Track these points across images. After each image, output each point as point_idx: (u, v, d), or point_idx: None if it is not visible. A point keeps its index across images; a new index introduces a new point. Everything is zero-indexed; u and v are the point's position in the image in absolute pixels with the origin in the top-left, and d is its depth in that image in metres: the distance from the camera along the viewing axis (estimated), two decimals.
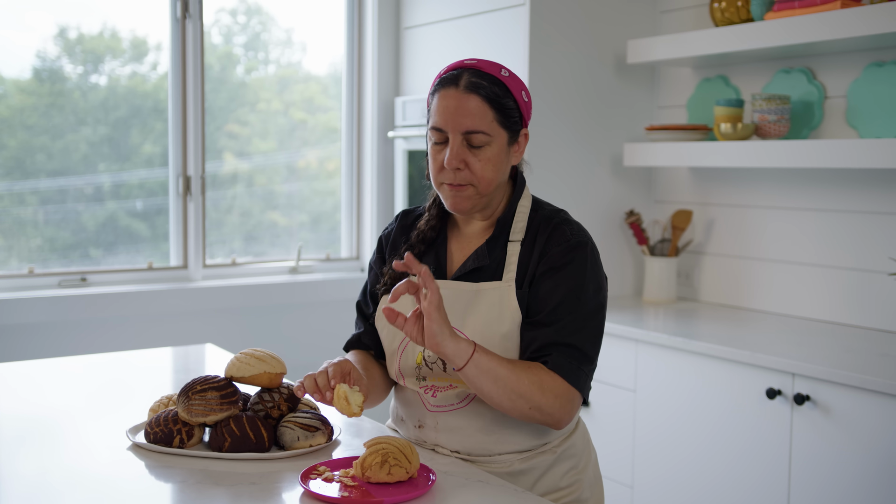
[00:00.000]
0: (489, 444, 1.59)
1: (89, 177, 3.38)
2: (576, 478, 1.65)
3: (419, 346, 1.54)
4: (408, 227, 1.72)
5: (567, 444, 1.64)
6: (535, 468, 1.60)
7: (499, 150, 1.55)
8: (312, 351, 3.67)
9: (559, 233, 1.57)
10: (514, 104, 1.56)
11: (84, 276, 3.30)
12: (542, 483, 1.61)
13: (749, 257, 3.17)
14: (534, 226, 1.60)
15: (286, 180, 3.84)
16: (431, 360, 1.59)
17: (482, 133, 1.52)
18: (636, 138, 3.41)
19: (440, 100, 1.55)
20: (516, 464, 1.60)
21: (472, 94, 1.52)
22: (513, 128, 1.57)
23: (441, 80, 1.56)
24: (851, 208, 2.86)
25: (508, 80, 1.56)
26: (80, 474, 1.50)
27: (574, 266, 1.55)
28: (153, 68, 3.50)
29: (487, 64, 1.56)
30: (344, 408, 1.48)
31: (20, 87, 3.28)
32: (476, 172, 1.54)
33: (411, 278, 1.54)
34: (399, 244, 1.71)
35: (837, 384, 2.29)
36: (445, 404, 1.60)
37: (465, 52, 3.43)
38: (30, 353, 3.04)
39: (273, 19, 3.80)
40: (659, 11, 3.42)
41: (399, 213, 1.77)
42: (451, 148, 1.53)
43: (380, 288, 1.68)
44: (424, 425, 1.63)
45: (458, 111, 1.52)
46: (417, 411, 1.64)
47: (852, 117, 2.80)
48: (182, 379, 2.14)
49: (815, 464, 2.35)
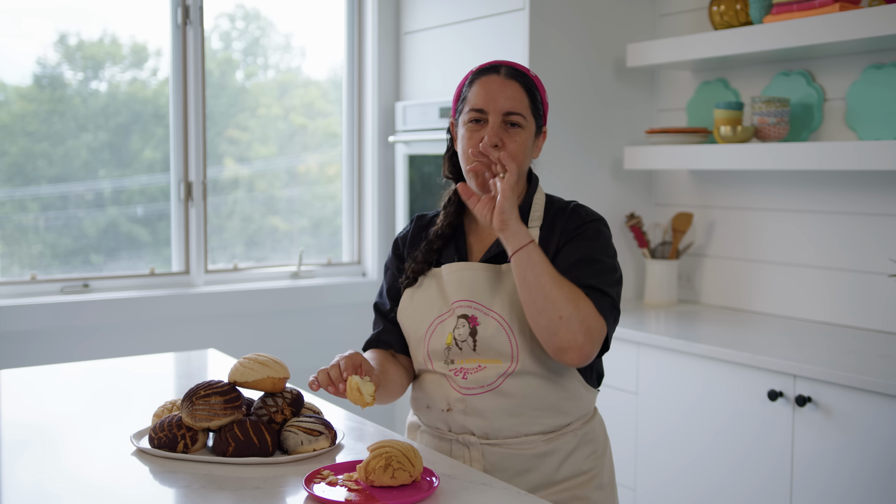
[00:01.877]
0: (516, 425, 1.65)
1: (90, 183, 3.39)
2: (596, 462, 1.72)
3: (448, 327, 1.65)
4: (424, 228, 1.82)
5: (587, 428, 1.72)
6: (559, 450, 1.67)
7: (529, 136, 1.68)
8: (315, 355, 3.67)
9: (576, 213, 1.70)
10: (541, 100, 1.71)
11: (86, 283, 3.31)
12: (568, 465, 1.68)
13: (750, 259, 3.17)
14: (550, 214, 1.72)
15: (287, 185, 3.84)
16: (461, 339, 1.65)
17: (520, 115, 1.65)
18: (636, 141, 3.42)
19: (481, 85, 1.67)
20: (541, 445, 1.66)
21: (512, 80, 1.67)
22: (539, 120, 1.71)
23: (480, 70, 1.70)
24: (851, 210, 2.87)
25: (536, 80, 1.72)
26: (83, 480, 1.50)
27: (589, 233, 1.67)
28: (153, 74, 3.50)
29: (517, 64, 1.72)
30: (357, 398, 1.52)
31: (21, 93, 3.29)
32: (510, 152, 1.64)
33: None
34: (417, 242, 1.79)
35: (839, 385, 2.29)
36: (475, 386, 1.65)
37: (466, 56, 3.44)
38: (32, 360, 3.05)
39: (272, 24, 3.81)
40: (658, 15, 3.43)
41: (414, 216, 1.86)
42: (492, 126, 1.64)
43: (402, 282, 1.77)
44: (453, 408, 1.67)
45: (500, 93, 1.65)
46: (446, 394, 1.68)
47: (852, 119, 2.81)
48: (185, 384, 2.14)
49: (817, 465, 2.36)
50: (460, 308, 1.67)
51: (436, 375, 1.70)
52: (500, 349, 1.63)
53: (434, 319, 1.69)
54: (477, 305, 1.66)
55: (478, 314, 1.65)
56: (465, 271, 1.68)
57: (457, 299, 1.67)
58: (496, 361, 1.63)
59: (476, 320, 1.65)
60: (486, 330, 1.64)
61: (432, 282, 1.72)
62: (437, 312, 1.69)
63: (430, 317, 1.70)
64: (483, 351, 1.64)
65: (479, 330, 1.64)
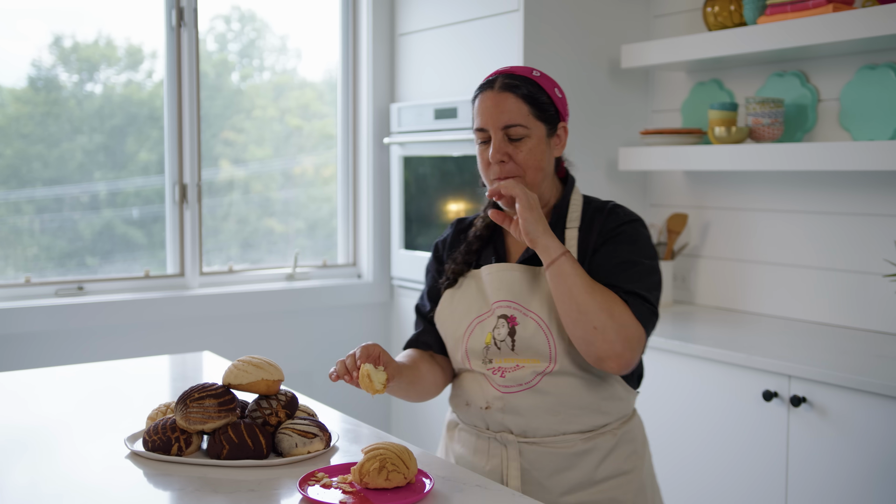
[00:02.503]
0: (554, 424, 1.65)
1: (85, 185, 3.39)
2: (637, 463, 1.72)
3: (487, 327, 1.69)
4: (463, 231, 1.85)
5: (626, 428, 1.72)
6: (597, 448, 1.67)
7: (538, 141, 1.67)
8: (310, 357, 3.67)
9: (614, 214, 1.71)
10: (547, 99, 1.69)
11: (81, 285, 3.30)
12: (607, 464, 1.68)
13: (744, 260, 3.18)
14: (588, 214, 1.72)
15: (282, 187, 3.84)
16: (500, 339, 1.68)
17: (520, 126, 1.66)
18: (631, 142, 3.42)
19: (480, 103, 1.70)
20: (579, 444, 1.66)
21: (506, 92, 1.67)
22: (549, 121, 1.69)
23: (479, 87, 1.72)
24: (846, 210, 2.87)
25: (540, 79, 1.70)
26: (77, 483, 1.50)
27: (629, 234, 1.67)
28: (149, 76, 3.50)
29: (520, 68, 1.71)
30: (367, 385, 1.56)
31: (15, 95, 3.29)
32: (520, 163, 1.66)
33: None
34: (456, 245, 1.83)
35: (833, 386, 2.30)
36: (513, 385, 1.66)
37: (461, 58, 3.44)
38: (27, 363, 3.04)
39: (268, 26, 3.81)
40: (652, 16, 3.43)
41: (454, 220, 1.90)
42: (494, 143, 1.66)
43: (443, 283, 1.79)
44: (491, 406, 1.68)
45: (495, 109, 1.66)
46: (486, 392, 1.69)
47: (845, 120, 2.82)
48: (180, 387, 2.14)
49: (812, 465, 2.36)
50: (500, 308, 1.69)
51: (475, 374, 1.72)
52: (538, 349, 1.65)
53: (473, 319, 1.72)
54: (516, 305, 1.68)
55: (517, 314, 1.67)
56: (505, 272, 1.70)
57: (497, 299, 1.70)
58: (534, 361, 1.65)
59: (515, 320, 1.67)
60: (525, 330, 1.65)
61: (472, 283, 1.75)
62: (477, 312, 1.72)
63: (470, 317, 1.72)
64: (521, 351, 1.66)
65: (518, 330, 1.66)
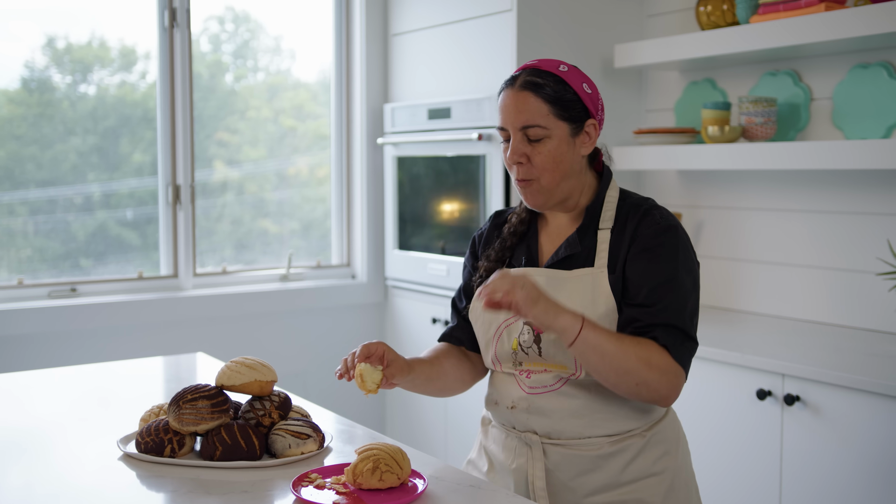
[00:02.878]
0: (580, 427, 1.62)
1: (79, 186, 3.38)
2: (668, 464, 1.67)
3: (514, 332, 1.65)
4: (499, 226, 1.81)
5: (656, 430, 1.67)
6: (625, 451, 1.63)
7: (559, 142, 1.62)
8: (304, 358, 3.67)
9: (649, 217, 1.63)
10: (573, 96, 1.62)
11: (74, 287, 3.30)
12: (634, 466, 1.63)
13: (738, 259, 3.18)
14: (622, 213, 1.66)
15: (276, 188, 3.84)
16: (527, 346, 1.65)
17: (538, 127, 1.60)
18: (624, 142, 3.42)
19: (501, 101, 1.65)
20: (605, 447, 1.62)
21: (526, 91, 1.61)
22: (574, 119, 1.63)
23: (503, 83, 1.67)
24: (839, 209, 2.88)
25: (567, 75, 1.63)
26: (70, 484, 1.50)
27: (667, 249, 1.60)
28: (142, 77, 3.50)
29: (546, 62, 1.65)
30: (361, 385, 1.56)
31: (8, 97, 3.28)
32: (537, 165, 1.62)
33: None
34: (492, 240, 1.79)
35: (827, 384, 2.30)
36: (539, 386, 1.64)
37: (454, 57, 3.44)
38: (19, 365, 3.04)
39: (262, 27, 3.81)
40: (646, 15, 3.43)
41: (493, 213, 1.86)
42: (512, 143, 1.63)
43: (476, 280, 1.76)
44: (517, 406, 1.66)
45: (514, 108, 1.62)
46: (512, 392, 1.68)
47: (838, 119, 2.82)
48: (173, 388, 2.14)
49: (805, 463, 2.37)
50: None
51: (504, 374, 1.70)
52: (564, 356, 1.61)
53: (502, 323, 1.68)
54: None
55: None
56: (536, 277, 1.65)
57: None
58: (562, 367, 1.62)
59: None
60: (549, 336, 1.62)
61: None
62: (505, 316, 1.68)
63: (499, 320, 1.69)
64: (549, 357, 1.63)
65: (544, 337, 1.63)
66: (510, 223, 1.76)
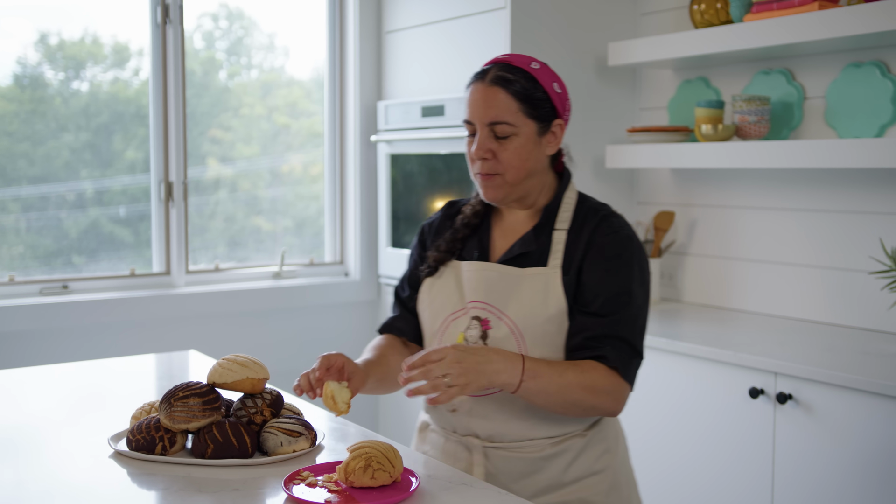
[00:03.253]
0: (522, 429, 1.62)
1: (72, 183, 3.37)
2: (610, 462, 1.67)
3: (461, 326, 1.64)
4: (453, 216, 1.78)
5: (597, 429, 1.67)
6: (566, 451, 1.63)
7: (526, 140, 1.60)
8: (296, 356, 3.66)
9: (607, 223, 1.63)
10: (543, 95, 1.61)
11: (66, 284, 3.29)
12: (576, 466, 1.64)
13: (731, 257, 3.19)
14: (580, 216, 1.65)
15: (270, 185, 3.83)
16: (472, 342, 1.63)
17: (506, 124, 1.58)
18: (618, 140, 3.42)
19: (470, 94, 1.62)
20: (548, 448, 1.62)
21: (496, 86, 1.59)
22: (543, 118, 1.61)
23: (472, 76, 1.64)
24: (831, 208, 2.88)
25: (538, 72, 1.61)
26: (60, 482, 1.49)
27: (624, 260, 1.60)
28: (135, 74, 3.48)
29: (518, 58, 1.63)
30: (331, 406, 1.52)
31: (1, 93, 3.26)
32: (503, 162, 1.60)
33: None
34: (444, 230, 1.77)
35: (819, 383, 2.31)
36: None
37: (448, 55, 3.44)
38: (10, 362, 3.02)
39: (255, 24, 3.79)
40: (639, 14, 3.43)
41: (445, 203, 1.83)
42: (478, 139, 1.60)
43: (423, 270, 1.74)
44: (458, 409, 1.65)
45: (483, 103, 1.59)
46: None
47: (831, 118, 2.83)
48: (165, 385, 2.13)
49: (798, 462, 2.37)
50: (474, 309, 1.65)
51: None
52: None
53: (448, 316, 1.67)
54: (491, 308, 1.63)
55: (491, 318, 1.62)
56: (486, 272, 1.64)
57: (473, 299, 1.65)
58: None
59: (488, 324, 1.62)
60: (497, 333, 1.61)
61: (451, 274, 1.70)
62: (452, 309, 1.67)
63: (445, 312, 1.68)
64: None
65: (491, 334, 1.61)
66: (463, 214, 1.74)
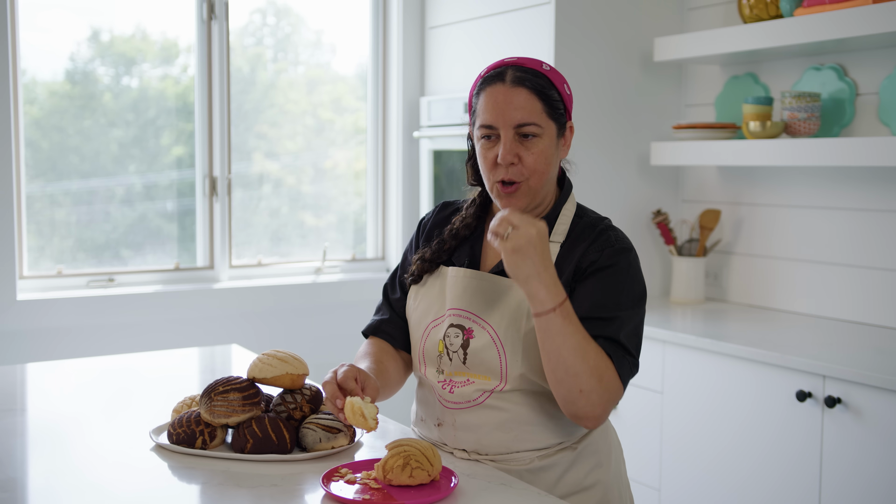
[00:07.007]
0: (507, 441, 1.57)
1: (120, 178, 3.42)
2: (601, 477, 1.62)
3: (439, 333, 1.59)
4: (444, 220, 1.73)
5: (587, 441, 1.62)
6: (555, 465, 1.58)
7: (549, 142, 1.55)
8: (336, 352, 3.68)
9: (603, 238, 1.57)
10: (558, 96, 1.57)
11: (112, 277, 3.34)
12: (566, 481, 1.59)
13: (778, 257, 3.13)
14: (576, 230, 1.60)
15: (313, 181, 3.85)
16: (453, 350, 1.59)
17: (534, 125, 1.53)
18: (663, 137, 3.38)
19: (487, 97, 1.55)
20: (536, 461, 1.58)
21: (519, 87, 1.53)
22: (559, 120, 1.57)
23: (485, 78, 1.57)
24: (883, 207, 2.81)
25: (550, 74, 1.57)
26: (102, 474, 1.51)
27: (617, 269, 1.54)
28: (184, 70, 3.53)
29: (527, 60, 1.58)
30: (360, 423, 1.47)
31: (53, 89, 3.33)
32: (528, 166, 1.54)
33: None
34: (432, 236, 1.72)
35: (869, 387, 2.25)
36: (462, 401, 1.59)
37: (490, 50, 3.42)
38: (56, 354, 3.08)
39: (302, 20, 3.82)
40: (686, 8, 3.38)
41: (440, 203, 1.78)
42: (504, 143, 1.53)
43: (407, 278, 1.70)
44: (443, 423, 1.62)
45: (507, 105, 1.53)
46: (435, 410, 1.63)
47: (885, 114, 2.75)
48: (207, 379, 2.15)
49: (846, 468, 2.32)
50: (454, 317, 1.59)
51: (426, 389, 1.65)
52: (489, 365, 1.55)
53: (430, 322, 1.63)
54: (473, 317, 1.58)
55: (474, 326, 1.57)
56: (471, 280, 1.60)
57: (452, 307, 1.60)
58: (485, 378, 1.56)
59: (471, 333, 1.57)
60: (478, 342, 1.56)
61: (436, 282, 1.65)
62: (434, 315, 1.63)
63: (428, 318, 1.63)
64: (473, 366, 1.57)
65: (472, 343, 1.56)
66: (453, 224, 1.68)
